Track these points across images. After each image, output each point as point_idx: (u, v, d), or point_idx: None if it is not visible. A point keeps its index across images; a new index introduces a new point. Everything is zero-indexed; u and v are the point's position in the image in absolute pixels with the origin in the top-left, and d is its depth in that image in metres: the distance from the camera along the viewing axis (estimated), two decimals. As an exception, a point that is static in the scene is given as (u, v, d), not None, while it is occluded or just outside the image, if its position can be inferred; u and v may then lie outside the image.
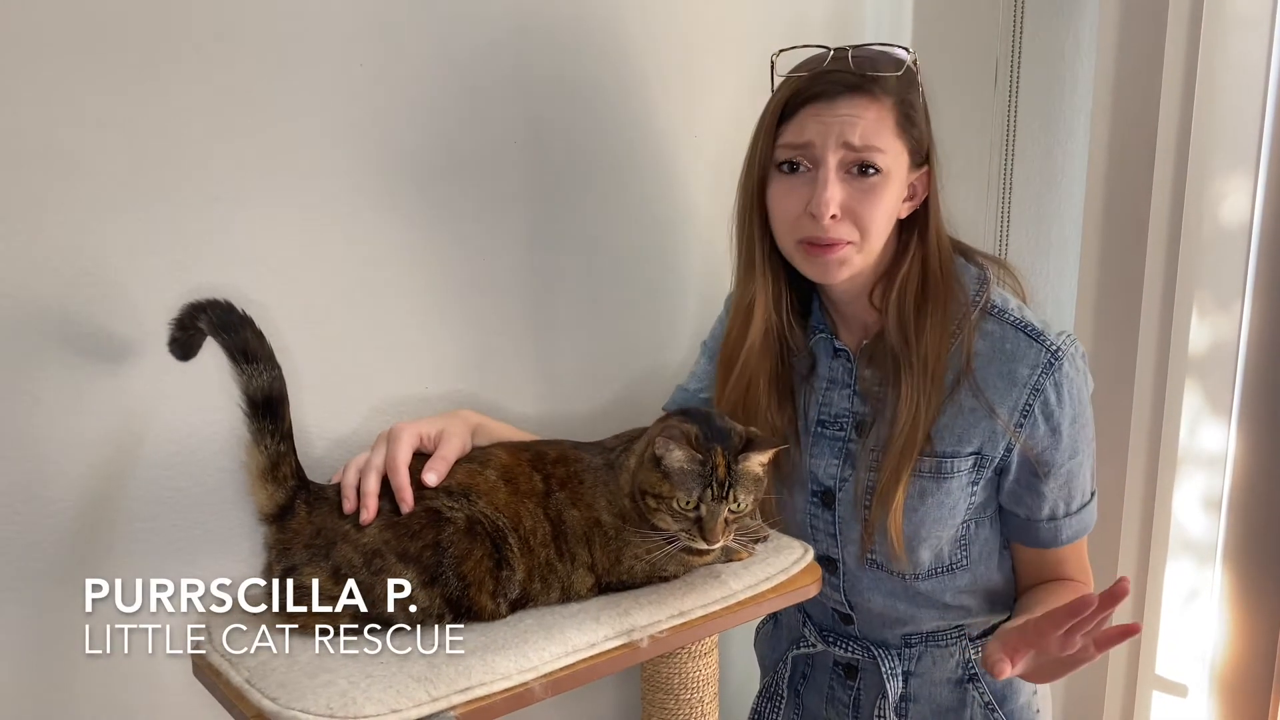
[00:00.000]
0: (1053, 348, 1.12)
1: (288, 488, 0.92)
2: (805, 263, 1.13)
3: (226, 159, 1.07)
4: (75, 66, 0.97)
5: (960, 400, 1.14)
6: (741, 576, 1.05)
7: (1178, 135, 1.49)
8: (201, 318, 0.90)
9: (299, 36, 1.10)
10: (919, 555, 1.18)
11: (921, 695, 1.28)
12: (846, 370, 1.22)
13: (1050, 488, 1.15)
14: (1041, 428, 1.13)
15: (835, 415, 1.22)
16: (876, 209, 1.08)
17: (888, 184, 1.09)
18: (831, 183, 1.07)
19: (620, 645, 0.92)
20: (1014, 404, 1.12)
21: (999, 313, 1.15)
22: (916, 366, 1.12)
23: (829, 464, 1.21)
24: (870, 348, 1.19)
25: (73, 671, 1.05)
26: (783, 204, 1.12)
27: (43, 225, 0.97)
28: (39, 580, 1.02)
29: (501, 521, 0.94)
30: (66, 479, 1.02)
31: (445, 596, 0.91)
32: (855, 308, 1.20)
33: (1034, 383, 1.11)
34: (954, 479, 1.15)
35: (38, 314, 0.98)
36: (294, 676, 0.81)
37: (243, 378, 0.90)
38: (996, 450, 1.14)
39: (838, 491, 1.20)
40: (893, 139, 1.09)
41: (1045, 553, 1.21)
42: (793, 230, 1.12)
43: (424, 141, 1.22)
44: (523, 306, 1.36)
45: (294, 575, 0.90)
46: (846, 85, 1.07)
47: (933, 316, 1.13)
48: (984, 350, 1.14)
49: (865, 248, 1.10)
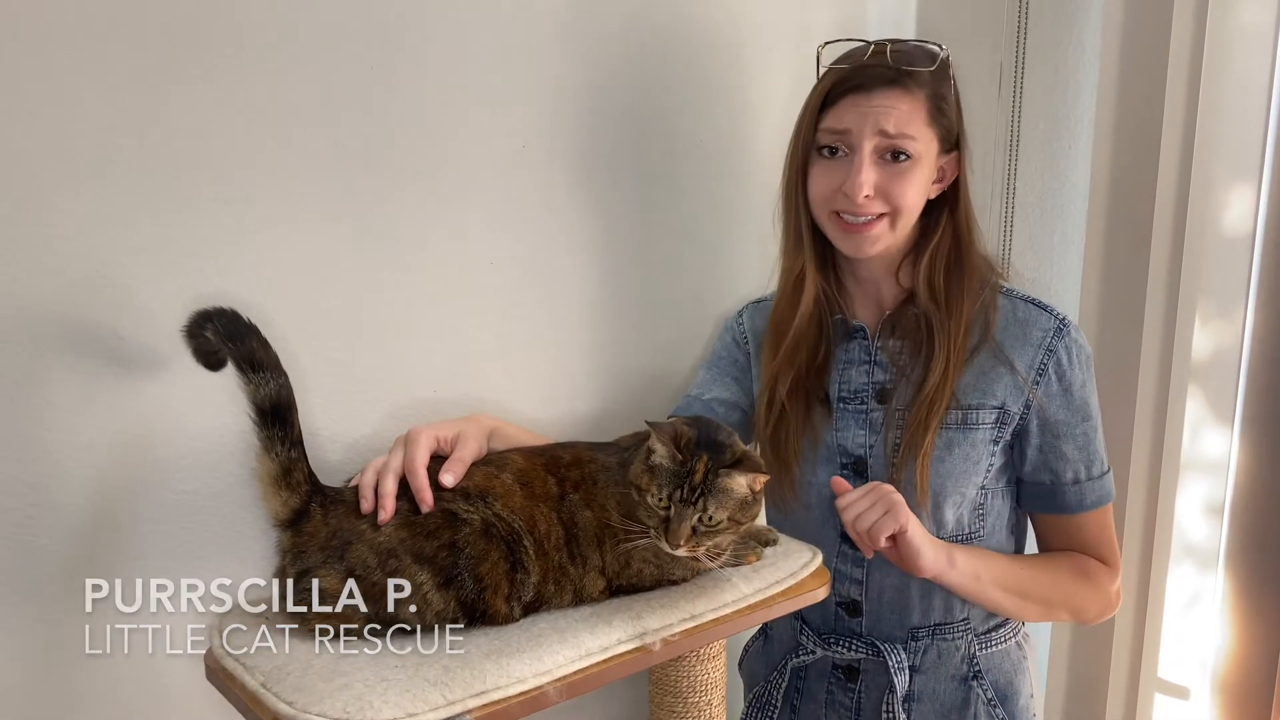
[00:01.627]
0: (1060, 316, 1.25)
1: (301, 493, 0.93)
2: (839, 237, 1.23)
3: (237, 163, 1.07)
4: (86, 71, 0.97)
5: (981, 362, 1.23)
6: (752, 580, 1.05)
7: (1181, 141, 1.50)
8: (208, 326, 0.91)
9: (308, 40, 1.10)
10: (943, 513, 1.23)
11: (926, 693, 1.28)
12: (863, 348, 1.30)
13: (1071, 448, 1.24)
14: (1055, 385, 1.22)
15: (855, 390, 1.29)
16: (907, 188, 1.18)
17: (918, 168, 1.19)
18: (866, 167, 1.17)
19: (633, 648, 0.92)
20: (1030, 361, 1.23)
21: (1008, 291, 1.28)
22: (950, 326, 1.22)
23: (856, 434, 1.27)
24: (894, 317, 1.28)
25: (80, 674, 1.05)
26: (820, 184, 1.22)
27: (53, 229, 0.97)
28: (49, 583, 1.01)
29: (517, 524, 0.95)
30: (76, 482, 1.02)
31: (460, 599, 0.91)
32: (880, 282, 1.30)
33: (1047, 344, 1.23)
34: (978, 431, 1.23)
35: (48, 317, 0.98)
36: (309, 680, 0.81)
37: (250, 386, 0.90)
38: (1017, 406, 1.22)
39: (869, 458, 1.26)
40: (924, 128, 1.18)
41: (1069, 521, 1.26)
42: (827, 204, 1.22)
43: (433, 145, 1.22)
44: (535, 309, 1.36)
45: (308, 577, 0.90)
46: (884, 79, 1.17)
47: (964, 282, 1.24)
48: (999, 321, 1.25)
49: (897, 223, 1.20)
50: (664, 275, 1.52)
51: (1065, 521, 1.26)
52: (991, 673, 1.29)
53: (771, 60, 1.58)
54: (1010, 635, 1.31)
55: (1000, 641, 1.30)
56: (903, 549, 1.11)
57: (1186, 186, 1.51)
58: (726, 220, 1.58)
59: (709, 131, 1.53)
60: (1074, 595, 1.26)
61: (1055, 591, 1.25)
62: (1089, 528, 1.26)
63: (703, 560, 1.00)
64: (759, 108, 1.58)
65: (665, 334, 1.53)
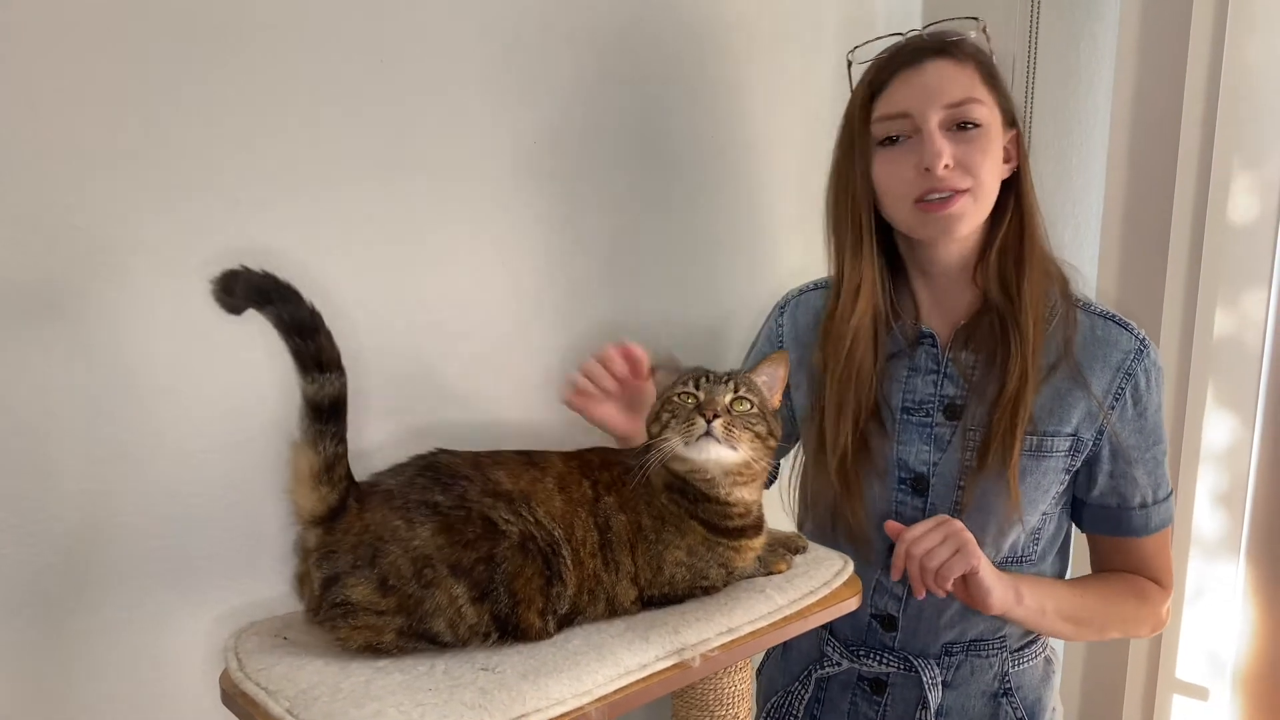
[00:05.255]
0: (1141, 336, 1.17)
1: (340, 489, 0.86)
2: (923, 224, 1.14)
3: (248, 160, 1.05)
4: (97, 67, 0.94)
5: (1057, 383, 1.16)
6: (786, 590, 1.02)
7: (1201, 131, 1.49)
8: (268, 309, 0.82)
9: (318, 34, 1.08)
10: (1004, 540, 1.18)
11: (955, 708, 1.25)
12: (931, 356, 1.22)
13: (1141, 473, 1.19)
14: (1130, 410, 1.17)
15: (920, 401, 1.21)
16: (985, 156, 1.11)
17: (988, 136, 1.11)
18: (938, 137, 1.09)
19: (672, 665, 0.89)
20: (1107, 385, 1.16)
21: (1085, 305, 1.20)
22: (1024, 324, 1.14)
23: (920, 450, 1.20)
24: (968, 328, 1.20)
25: (88, 694, 1.02)
26: (891, 175, 1.14)
27: (53, 229, 0.94)
28: (53, 602, 0.99)
29: (557, 533, 0.90)
30: (78, 499, 0.99)
31: (495, 614, 0.86)
32: (954, 286, 1.21)
33: (1127, 367, 1.16)
34: (1051, 459, 1.17)
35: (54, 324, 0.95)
36: (339, 706, 0.76)
37: (313, 385, 0.83)
38: (1090, 432, 1.17)
39: (931, 477, 1.19)
40: (985, 91, 1.12)
41: (1131, 544, 1.22)
42: (907, 193, 1.13)
43: (446, 142, 1.20)
44: (554, 306, 1.34)
45: (337, 588, 0.85)
46: (931, 50, 1.11)
47: (1031, 275, 1.15)
48: (1077, 338, 1.17)
49: (980, 195, 1.12)
50: (679, 274, 1.50)
51: (1127, 543, 1.23)
52: (1022, 689, 1.26)
53: (782, 57, 1.57)
54: (1040, 651, 1.29)
55: (1032, 657, 1.27)
56: (973, 589, 1.07)
57: (1207, 175, 1.49)
58: (742, 218, 1.56)
59: (720, 129, 1.51)
60: (1130, 619, 1.23)
61: (1113, 616, 1.23)
62: (1149, 549, 1.23)
63: (736, 489, 0.96)
64: (771, 104, 1.56)
65: (682, 333, 1.51)
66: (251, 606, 1.05)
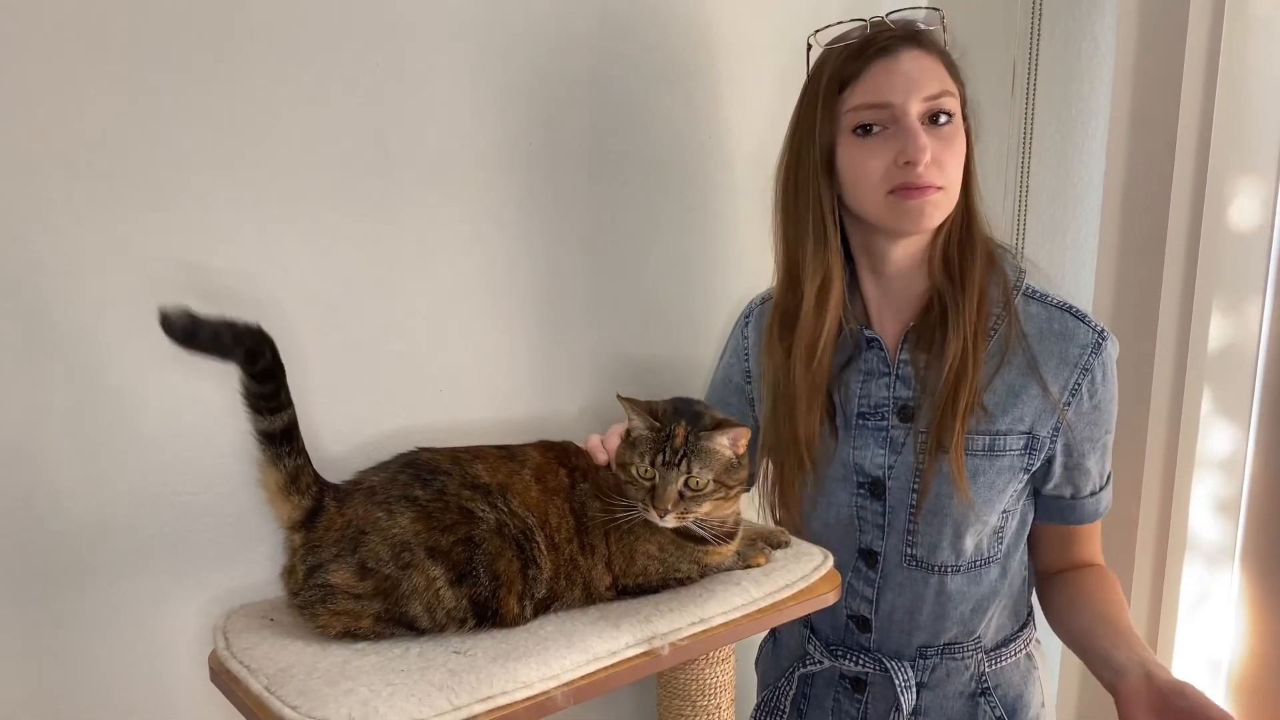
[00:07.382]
0: (1098, 328, 1.16)
1: (311, 494, 0.91)
2: (896, 213, 1.11)
3: (242, 160, 1.07)
4: (89, 67, 0.96)
5: (1011, 379, 1.15)
6: (762, 583, 1.04)
7: (1198, 136, 1.48)
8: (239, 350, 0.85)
9: (314, 36, 1.10)
10: (963, 542, 1.18)
11: (933, 708, 1.26)
12: (881, 359, 1.21)
13: (1092, 463, 1.19)
14: (1085, 404, 1.16)
15: (875, 405, 1.21)
16: (957, 155, 1.11)
17: (958, 130, 1.11)
18: (922, 131, 1.07)
19: (641, 653, 0.91)
20: (1064, 382, 1.15)
21: (1041, 296, 1.18)
22: (964, 303, 1.13)
23: (875, 454, 1.20)
24: (918, 328, 1.18)
25: (84, 677, 1.05)
26: (866, 166, 1.10)
27: (54, 228, 0.97)
28: (52, 586, 1.01)
29: (530, 520, 0.93)
30: (76, 487, 1.01)
31: (473, 597, 0.89)
32: (906, 284, 1.20)
33: (1084, 362, 1.15)
34: (1004, 458, 1.16)
35: (48, 321, 0.98)
36: (314, 684, 0.80)
37: (263, 420, 0.88)
38: (1047, 429, 1.16)
39: (887, 480, 1.20)
40: (952, 84, 1.11)
41: (1076, 530, 1.24)
42: (882, 184, 1.10)
43: (439, 143, 1.21)
44: (538, 309, 1.35)
45: (319, 574, 0.88)
46: (904, 39, 1.09)
47: (977, 257, 1.15)
48: (1033, 331, 1.16)
49: (952, 193, 1.12)
50: (671, 273, 1.51)
51: (1074, 530, 1.24)
52: (1000, 688, 1.26)
53: (785, 49, 1.56)
54: (1021, 648, 1.29)
55: (1010, 656, 1.27)
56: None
57: (1203, 181, 1.49)
58: (737, 217, 1.57)
59: (722, 127, 1.52)
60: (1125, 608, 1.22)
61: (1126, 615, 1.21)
62: (1093, 532, 1.25)
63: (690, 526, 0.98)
64: (772, 98, 1.56)
65: (672, 332, 1.52)
66: (244, 589, 1.09)
